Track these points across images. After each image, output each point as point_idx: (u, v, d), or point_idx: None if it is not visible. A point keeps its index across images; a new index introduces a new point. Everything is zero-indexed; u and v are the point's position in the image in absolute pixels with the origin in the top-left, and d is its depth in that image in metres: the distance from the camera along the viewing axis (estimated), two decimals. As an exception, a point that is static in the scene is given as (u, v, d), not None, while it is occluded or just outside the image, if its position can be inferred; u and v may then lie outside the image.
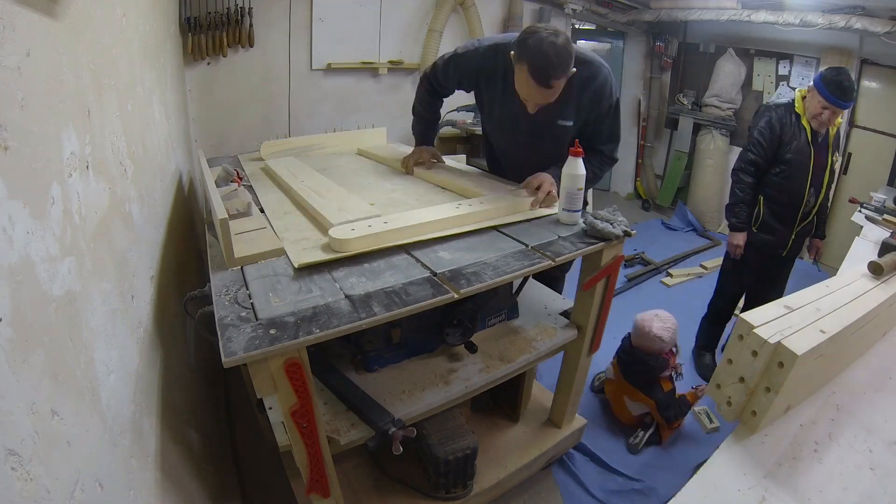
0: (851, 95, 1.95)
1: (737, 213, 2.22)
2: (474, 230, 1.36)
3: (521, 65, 1.38)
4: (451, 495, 1.52)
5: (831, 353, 1.16)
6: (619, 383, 2.09)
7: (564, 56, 1.35)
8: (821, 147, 2.11)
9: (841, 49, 3.61)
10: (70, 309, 0.69)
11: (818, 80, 1.99)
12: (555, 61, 1.33)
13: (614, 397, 2.15)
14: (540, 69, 1.35)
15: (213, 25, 2.59)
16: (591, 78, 1.53)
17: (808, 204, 2.17)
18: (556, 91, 1.41)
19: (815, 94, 2.00)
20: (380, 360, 1.34)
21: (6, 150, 0.55)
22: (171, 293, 1.40)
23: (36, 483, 0.53)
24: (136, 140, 1.25)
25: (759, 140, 2.14)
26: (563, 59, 1.35)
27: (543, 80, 1.36)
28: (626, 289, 3.38)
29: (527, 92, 1.44)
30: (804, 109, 2.07)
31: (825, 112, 1.99)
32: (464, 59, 1.67)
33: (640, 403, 2.02)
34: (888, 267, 1.40)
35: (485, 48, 1.62)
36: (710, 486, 1.03)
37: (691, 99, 4.60)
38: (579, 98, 1.56)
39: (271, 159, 2.08)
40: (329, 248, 1.21)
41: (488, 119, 1.81)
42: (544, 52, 1.32)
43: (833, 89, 1.93)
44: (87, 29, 0.93)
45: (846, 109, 2.03)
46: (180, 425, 1.26)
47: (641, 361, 1.99)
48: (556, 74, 1.36)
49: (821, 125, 2.05)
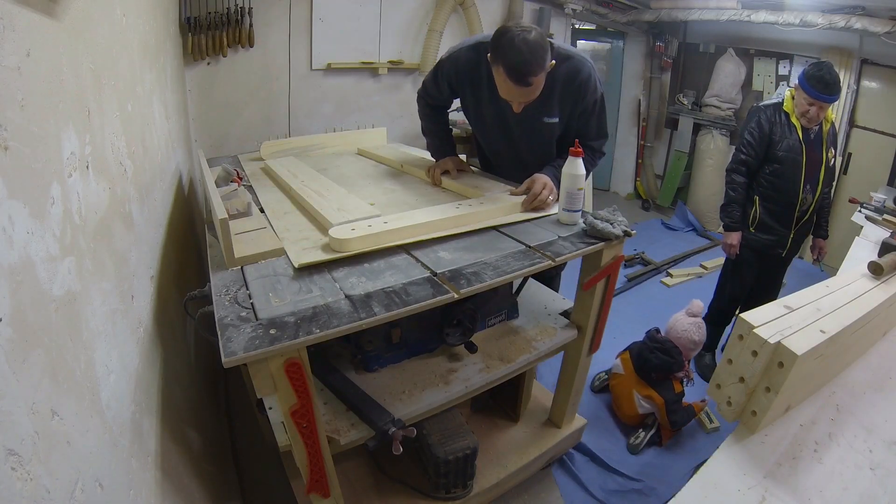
0: (835, 89, 1.97)
1: (729, 212, 2.24)
2: (474, 230, 1.36)
3: (497, 67, 1.36)
4: (451, 495, 1.52)
5: (831, 353, 1.16)
6: (630, 377, 2.08)
7: (539, 51, 1.32)
8: (814, 144, 2.12)
9: (841, 49, 3.61)
10: (70, 309, 0.69)
11: (801, 76, 2.02)
12: (529, 58, 1.31)
13: (621, 392, 2.12)
14: (516, 68, 1.32)
15: (213, 25, 2.59)
16: (574, 73, 1.51)
17: (805, 202, 2.18)
18: (536, 88, 1.39)
19: (800, 92, 2.03)
20: (380, 360, 1.34)
21: (6, 150, 0.55)
22: (171, 293, 1.40)
23: (36, 483, 0.53)
24: (136, 140, 1.25)
25: (748, 140, 2.17)
26: (537, 55, 1.32)
27: (521, 78, 1.34)
28: (626, 289, 3.38)
29: (508, 92, 1.42)
30: (793, 108, 2.09)
31: (812, 108, 2.01)
32: (448, 64, 1.65)
33: (648, 400, 2.01)
34: (888, 267, 1.40)
35: (465, 49, 1.61)
36: (710, 486, 1.03)
37: (691, 99, 4.60)
38: (563, 94, 1.55)
39: (271, 159, 2.08)
40: (329, 248, 1.21)
41: (476, 120, 1.79)
42: (517, 49, 1.30)
43: (815, 83, 1.96)
44: (87, 29, 0.93)
45: (832, 103, 2.06)
46: (180, 425, 1.25)
47: (667, 351, 2.01)
48: (533, 71, 1.33)
49: (810, 121, 2.07)
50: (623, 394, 2.11)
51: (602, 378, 2.35)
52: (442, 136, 1.88)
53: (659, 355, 2.01)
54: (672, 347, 2.04)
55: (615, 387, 2.18)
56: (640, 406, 2.04)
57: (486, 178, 1.81)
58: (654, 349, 2.03)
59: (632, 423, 2.10)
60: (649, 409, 2.02)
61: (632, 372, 2.08)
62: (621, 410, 2.14)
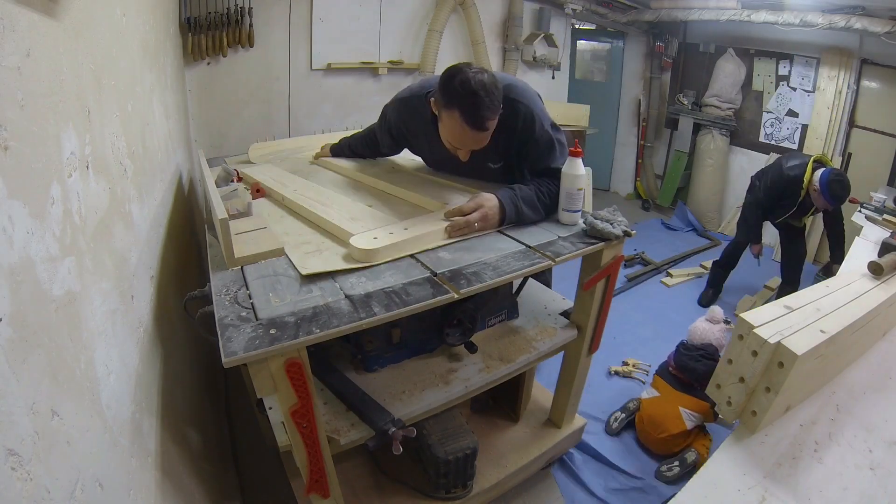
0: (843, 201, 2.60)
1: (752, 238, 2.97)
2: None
3: (450, 111, 1.26)
4: (451, 495, 1.52)
5: (831, 353, 1.16)
6: (670, 395, 2.02)
7: (495, 94, 1.25)
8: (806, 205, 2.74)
9: (841, 49, 3.61)
10: (70, 309, 0.69)
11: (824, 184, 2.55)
12: (486, 101, 1.23)
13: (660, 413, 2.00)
14: (472, 111, 1.24)
15: (213, 25, 2.59)
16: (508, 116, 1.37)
17: None
18: (489, 133, 1.31)
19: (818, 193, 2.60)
20: (380, 360, 1.34)
21: (6, 150, 0.55)
22: (171, 293, 1.40)
23: (36, 483, 0.53)
24: (136, 140, 1.25)
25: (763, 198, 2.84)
26: (494, 98, 1.25)
27: (478, 122, 1.26)
28: (626, 289, 3.38)
29: (459, 139, 1.32)
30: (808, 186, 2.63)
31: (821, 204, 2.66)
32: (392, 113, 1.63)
33: (694, 413, 1.94)
34: (888, 267, 1.40)
35: (404, 100, 1.56)
36: (710, 486, 1.03)
37: (691, 99, 4.60)
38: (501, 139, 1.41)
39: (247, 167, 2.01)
40: (351, 258, 1.17)
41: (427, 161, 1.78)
42: (474, 91, 1.21)
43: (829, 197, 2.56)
44: (87, 29, 0.93)
45: None
46: (180, 425, 1.26)
47: (711, 356, 2.03)
48: (490, 114, 1.26)
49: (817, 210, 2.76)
50: (664, 414, 1.99)
51: (619, 418, 2.14)
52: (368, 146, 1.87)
53: (706, 362, 1.98)
54: (715, 351, 2.05)
55: (651, 412, 2.04)
56: (689, 420, 1.94)
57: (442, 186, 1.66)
58: (700, 357, 2.01)
59: (663, 452, 1.98)
60: (696, 421, 1.95)
61: (671, 390, 2.03)
62: (656, 437, 1.99)
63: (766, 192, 2.80)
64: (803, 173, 2.62)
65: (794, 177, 2.66)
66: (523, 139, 1.43)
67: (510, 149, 1.47)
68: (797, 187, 2.65)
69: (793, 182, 2.66)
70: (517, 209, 1.36)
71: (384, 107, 1.69)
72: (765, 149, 4.27)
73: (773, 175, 2.77)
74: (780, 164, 2.78)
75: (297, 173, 1.88)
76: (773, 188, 2.76)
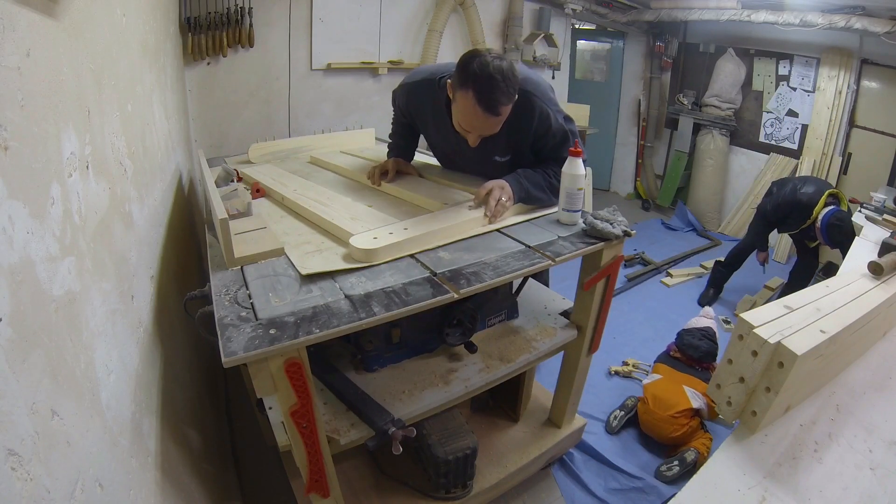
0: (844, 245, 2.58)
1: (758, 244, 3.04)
2: (475, 230, 1.35)
3: (464, 91, 1.26)
4: (451, 495, 1.52)
5: (831, 353, 1.16)
6: (673, 376, 2.10)
7: (511, 80, 1.25)
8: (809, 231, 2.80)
9: (841, 49, 3.62)
10: (70, 309, 0.69)
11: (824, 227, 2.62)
12: (502, 85, 1.23)
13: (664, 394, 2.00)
14: (487, 94, 1.24)
15: (213, 25, 2.59)
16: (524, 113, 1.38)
17: None
18: (502, 119, 1.31)
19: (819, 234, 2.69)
20: (380, 360, 1.34)
21: (6, 150, 0.55)
22: (171, 293, 1.40)
23: (36, 483, 0.53)
24: (136, 140, 1.25)
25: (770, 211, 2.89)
26: (510, 84, 1.25)
27: (491, 106, 1.26)
28: (626, 289, 3.38)
29: (471, 122, 1.32)
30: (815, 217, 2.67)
31: None
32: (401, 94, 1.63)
33: (698, 393, 1.98)
34: (888, 267, 1.40)
35: (414, 84, 1.55)
36: (710, 486, 1.03)
37: (691, 99, 4.60)
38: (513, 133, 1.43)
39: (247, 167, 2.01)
40: (350, 257, 1.18)
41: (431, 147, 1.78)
42: (490, 75, 1.22)
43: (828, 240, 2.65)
44: (87, 29, 0.93)
45: None
46: (180, 425, 1.25)
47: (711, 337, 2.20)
48: (505, 100, 1.26)
49: None
50: (670, 391, 2.00)
51: (619, 416, 2.12)
52: (404, 135, 1.78)
53: (707, 341, 2.12)
54: (713, 333, 2.20)
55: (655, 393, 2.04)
56: (694, 399, 1.95)
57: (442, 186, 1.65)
58: (702, 336, 2.14)
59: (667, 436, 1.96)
60: (700, 403, 1.95)
61: (673, 371, 2.12)
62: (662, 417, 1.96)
63: (774, 206, 2.83)
64: (815, 203, 2.65)
65: (804, 203, 2.69)
66: (539, 134, 1.46)
67: (522, 144, 1.48)
68: (805, 214, 2.68)
69: (802, 207, 2.69)
70: (521, 185, 1.42)
71: (392, 92, 1.69)
72: (765, 149, 4.27)
73: (787, 194, 2.79)
74: (797, 184, 2.80)
75: (297, 173, 1.89)
76: (782, 206, 2.79)
